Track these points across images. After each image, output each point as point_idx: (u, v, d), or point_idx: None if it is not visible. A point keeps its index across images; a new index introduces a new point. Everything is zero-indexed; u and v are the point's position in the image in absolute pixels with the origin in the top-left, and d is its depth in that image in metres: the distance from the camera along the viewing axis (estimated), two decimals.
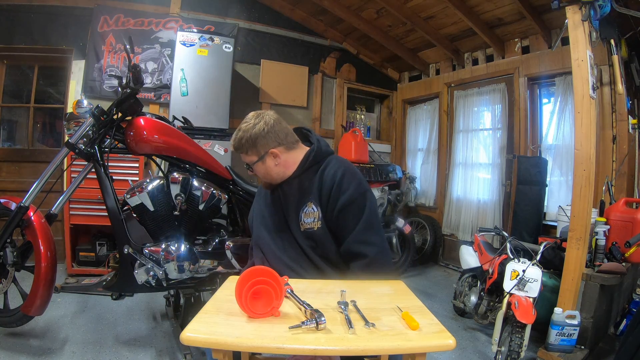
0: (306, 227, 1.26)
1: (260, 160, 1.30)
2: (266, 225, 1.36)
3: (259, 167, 1.32)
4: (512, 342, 1.90)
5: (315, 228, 1.25)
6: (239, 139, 1.29)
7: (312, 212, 1.26)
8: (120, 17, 3.63)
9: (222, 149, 3.38)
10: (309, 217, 1.26)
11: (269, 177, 1.33)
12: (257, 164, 1.31)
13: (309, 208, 1.26)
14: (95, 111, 1.85)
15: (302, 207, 1.27)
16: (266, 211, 1.39)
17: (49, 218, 1.92)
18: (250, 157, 1.31)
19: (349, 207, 1.22)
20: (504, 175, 3.66)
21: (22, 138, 3.74)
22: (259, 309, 0.83)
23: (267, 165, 1.31)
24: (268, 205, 1.39)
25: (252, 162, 1.31)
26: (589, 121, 2.09)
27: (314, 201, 1.26)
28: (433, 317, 0.87)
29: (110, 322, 2.32)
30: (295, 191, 1.31)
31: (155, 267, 1.85)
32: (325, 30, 4.51)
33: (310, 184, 1.29)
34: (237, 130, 1.31)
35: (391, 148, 5.03)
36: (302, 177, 1.31)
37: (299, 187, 1.31)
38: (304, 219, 1.26)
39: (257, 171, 1.33)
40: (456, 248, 3.66)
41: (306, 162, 1.32)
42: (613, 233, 2.23)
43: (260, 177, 1.35)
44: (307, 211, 1.26)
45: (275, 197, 1.36)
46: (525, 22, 3.29)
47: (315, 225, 1.25)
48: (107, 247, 3.12)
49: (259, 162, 1.30)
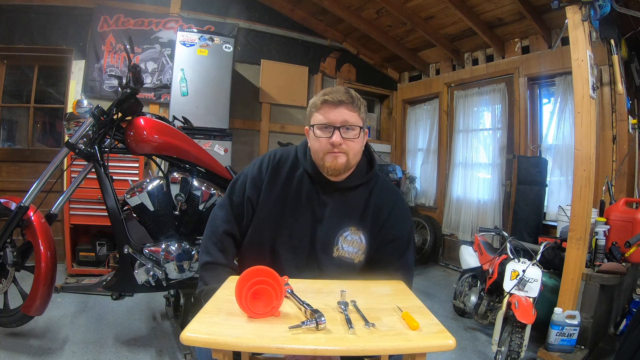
0: (343, 255, 1.12)
1: (362, 128, 1.11)
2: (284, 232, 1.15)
3: (355, 134, 1.09)
4: (512, 342, 1.90)
5: (355, 261, 1.13)
6: (351, 92, 1.10)
7: (357, 241, 1.13)
8: (120, 17, 3.63)
9: (222, 149, 3.38)
10: (351, 246, 1.12)
11: (348, 158, 1.10)
12: (360, 132, 1.10)
13: (354, 235, 1.12)
14: (95, 111, 1.85)
15: (342, 230, 1.12)
16: (285, 212, 1.16)
17: (49, 218, 1.92)
18: (357, 117, 1.10)
19: (398, 241, 1.14)
20: (504, 175, 3.66)
21: (22, 138, 3.74)
22: (259, 309, 0.83)
23: (361, 140, 1.12)
24: (289, 207, 1.16)
25: (356, 124, 1.09)
26: (589, 121, 2.09)
27: (361, 229, 1.13)
28: (433, 317, 0.87)
29: (110, 322, 2.32)
30: (338, 206, 1.14)
31: (155, 267, 1.84)
32: (325, 30, 4.51)
33: (356, 205, 1.15)
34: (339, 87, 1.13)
35: (391, 148, 5.03)
36: (350, 193, 1.16)
37: (343, 204, 1.15)
38: (342, 245, 1.12)
39: (349, 140, 1.09)
40: (456, 248, 3.66)
41: (364, 176, 1.17)
42: (613, 233, 2.23)
43: (339, 149, 1.09)
44: (351, 239, 1.12)
45: (306, 201, 1.15)
46: (525, 22, 3.29)
47: (357, 257, 1.13)
48: (107, 247, 3.12)
49: (362, 131, 1.11)
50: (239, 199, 1.20)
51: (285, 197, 1.16)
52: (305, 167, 1.18)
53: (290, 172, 1.18)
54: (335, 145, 1.08)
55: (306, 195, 1.16)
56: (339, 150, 1.09)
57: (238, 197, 1.20)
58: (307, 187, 1.16)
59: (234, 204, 1.20)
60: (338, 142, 1.08)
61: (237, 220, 1.19)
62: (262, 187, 1.18)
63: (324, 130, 1.10)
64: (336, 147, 1.09)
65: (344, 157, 1.10)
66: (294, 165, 1.19)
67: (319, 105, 1.11)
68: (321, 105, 1.10)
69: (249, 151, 4.22)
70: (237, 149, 3.90)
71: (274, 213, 1.16)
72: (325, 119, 1.09)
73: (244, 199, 1.19)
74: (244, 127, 4.16)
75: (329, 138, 1.08)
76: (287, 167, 1.19)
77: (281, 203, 1.16)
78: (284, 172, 1.18)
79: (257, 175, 1.19)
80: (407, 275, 1.15)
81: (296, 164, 1.20)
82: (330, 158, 1.10)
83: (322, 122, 1.09)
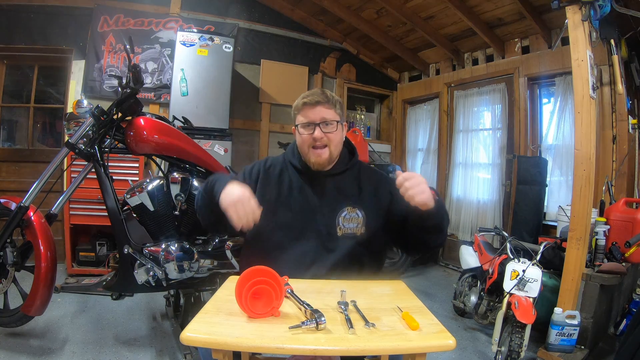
0: (346, 233, 1.23)
1: (339, 122, 1.25)
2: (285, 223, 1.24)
3: (334, 128, 1.23)
4: (512, 342, 1.90)
5: (358, 233, 1.24)
6: (327, 93, 1.25)
7: (355, 217, 1.24)
8: (120, 17, 3.63)
9: (222, 149, 3.38)
10: (351, 222, 1.24)
11: (330, 150, 1.24)
12: (337, 125, 1.24)
13: (351, 213, 1.24)
14: (95, 111, 1.85)
15: (340, 211, 1.24)
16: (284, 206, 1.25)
17: (49, 218, 1.92)
18: (333, 113, 1.24)
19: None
20: (504, 175, 3.65)
21: (22, 138, 3.73)
22: (259, 309, 0.83)
23: (340, 132, 1.26)
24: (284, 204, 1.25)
25: (333, 119, 1.23)
26: (589, 121, 2.09)
27: (357, 206, 1.25)
28: (433, 317, 0.87)
29: (110, 322, 2.32)
30: (330, 192, 1.27)
31: (155, 267, 1.84)
32: (325, 30, 4.51)
33: (348, 187, 1.28)
34: (316, 90, 1.27)
35: (391, 148, 5.03)
36: (338, 178, 1.29)
37: (334, 189, 1.27)
38: (343, 224, 1.23)
39: (329, 133, 1.23)
40: (456, 248, 3.65)
41: (347, 163, 1.31)
42: (613, 233, 2.23)
43: (321, 142, 1.22)
44: (349, 216, 1.24)
45: (299, 195, 1.26)
46: (525, 22, 3.28)
47: (358, 230, 1.24)
48: (107, 247, 3.12)
49: (339, 125, 1.25)
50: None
51: (278, 195, 1.27)
52: (293, 163, 1.30)
53: (281, 174, 1.30)
54: (317, 139, 1.22)
55: (298, 189, 1.27)
56: (321, 143, 1.23)
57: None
58: (298, 181, 1.28)
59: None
60: (319, 137, 1.22)
61: None
62: (256, 187, 1.27)
63: (306, 128, 1.23)
64: (318, 141, 1.22)
65: (326, 151, 1.24)
66: (284, 167, 1.32)
67: (300, 107, 1.25)
68: (302, 107, 1.24)
69: (249, 151, 4.22)
70: (237, 149, 3.91)
71: (270, 210, 1.21)
72: (306, 119, 1.23)
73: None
74: (244, 127, 4.16)
75: (311, 134, 1.22)
76: (277, 170, 1.31)
77: (275, 200, 1.26)
78: (274, 176, 1.30)
79: (250, 176, 1.31)
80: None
81: (285, 165, 1.32)
82: (314, 155, 1.24)
83: (304, 122, 1.23)
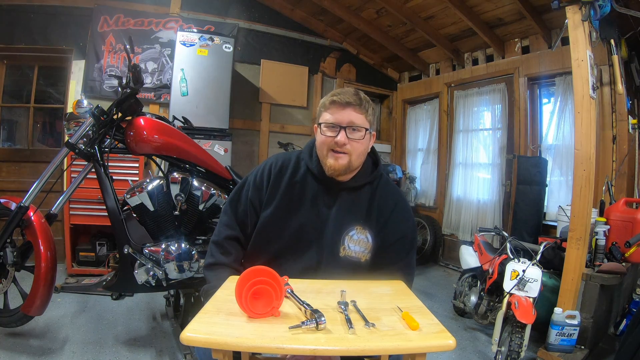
0: (349, 255, 1.13)
1: (368, 130, 1.13)
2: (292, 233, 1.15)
3: (361, 135, 1.11)
4: (512, 342, 1.90)
5: (362, 260, 1.14)
6: (360, 95, 1.12)
7: (364, 241, 1.14)
8: (120, 17, 3.63)
9: (222, 149, 3.38)
10: (358, 245, 1.13)
11: (351, 159, 1.11)
12: (365, 133, 1.12)
13: (360, 235, 1.13)
14: (95, 111, 1.85)
15: (348, 229, 1.13)
16: (290, 215, 1.16)
17: (49, 218, 1.92)
18: (363, 119, 1.11)
19: (401, 241, 1.16)
20: (504, 175, 3.65)
21: (22, 138, 3.74)
22: (259, 309, 0.83)
23: (366, 142, 1.14)
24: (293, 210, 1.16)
25: (362, 125, 1.10)
26: (589, 121, 2.09)
27: (367, 228, 1.14)
28: (433, 317, 0.87)
29: (110, 322, 2.32)
30: (344, 206, 1.15)
31: (155, 267, 1.85)
32: (325, 30, 4.51)
33: (361, 204, 1.16)
34: (349, 89, 1.15)
35: (391, 148, 5.03)
36: (356, 193, 1.17)
37: (349, 203, 1.15)
38: (348, 245, 1.12)
39: (354, 141, 1.10)
40: (456, 248, 3.66)
41: (369, 176, 1.18)
42: (613, 233, 2.23)
43: (343, 149, 1.10)
44: (357, 238, 1.13)
45: (311, 202, 1.16)
46: (525, 22, 3.28)
47: (364, 256, 1.14)
48: (107, 247, 3.12)
49: (367, 133, 1.13)
50: (242, 205, 1.21)
51: (290, 201, 1.17)
52: (310, 167, 1.19)
53: (293, 176, 1.19)
54: (340, 144, 1.09)
55: (311, 196, 1.17)
56: (342, 150, 1.10)
57: (242, 202, 1.21)
58: (312, 187, 1.17)
59: (238, 209, 1.22)
60: (342, 142, 1.09)
61: (240, 225, 1.21)
62: (265, 192, 1.19)
63: (330, 129, 1.12)
64: (340, 147, 1.10)
65: (346, 158, 1.11)
66: (296, 169, 1.20)
67: (327, 105, 1.13)
68: (330, 105, 1.12)
69: (249, 151, 4.22)
70: (237, 149, 3.90)
71: (278, 217, 1.16)
72: (333, 119, 1.11)
73: (247, 204, 1.20)
74: (244, 127, 4.16)
75: (334, 137, 1.10)
76: (289, 172, 1.20)
77: (285, 206, 1.17)
78: (286, 177, 1.19)
79: (260, 181, 1.20)
80: (409, 275, 1.16)
81: (297, 167, 1.20)
82: (332, 158, 1.12)
83: (330, 122, 1.11)
